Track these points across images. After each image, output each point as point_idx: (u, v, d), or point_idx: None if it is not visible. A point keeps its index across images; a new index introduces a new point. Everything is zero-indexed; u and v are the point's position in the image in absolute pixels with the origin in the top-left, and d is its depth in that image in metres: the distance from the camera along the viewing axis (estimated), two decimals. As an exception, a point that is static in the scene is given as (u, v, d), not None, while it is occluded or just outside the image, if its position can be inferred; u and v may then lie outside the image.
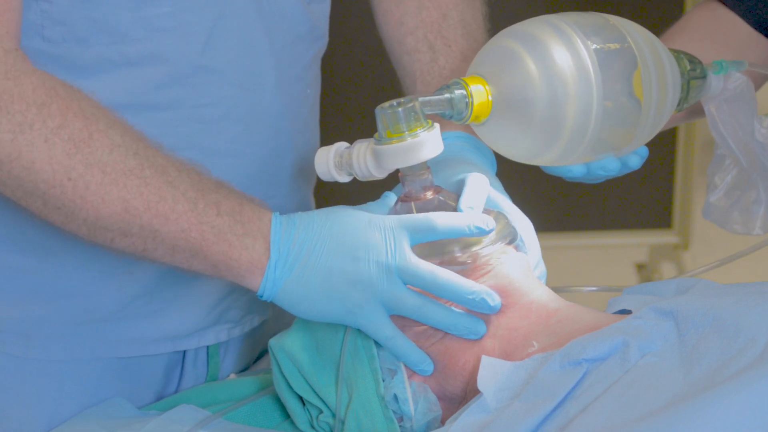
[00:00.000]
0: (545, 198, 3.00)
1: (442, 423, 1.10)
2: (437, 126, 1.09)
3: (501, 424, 0.97)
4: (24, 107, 1.04)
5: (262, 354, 1.39)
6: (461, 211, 1.11)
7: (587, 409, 0.94)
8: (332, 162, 1.12)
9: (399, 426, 1.10)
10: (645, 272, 3.21)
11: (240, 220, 1.09)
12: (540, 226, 1.20)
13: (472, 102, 1.09)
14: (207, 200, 1.09)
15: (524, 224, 1.15)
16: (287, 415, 1.19)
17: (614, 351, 1.00)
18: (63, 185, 1.05)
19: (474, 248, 1.10)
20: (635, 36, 1.13)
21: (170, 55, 1.17)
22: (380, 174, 1.10)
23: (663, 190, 3.06)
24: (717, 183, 1.32)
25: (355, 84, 2.83)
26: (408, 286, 1.07)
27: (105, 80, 1.15)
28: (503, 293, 1.09)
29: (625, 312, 1.10)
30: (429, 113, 1.09)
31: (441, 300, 1.08)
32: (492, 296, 1.08)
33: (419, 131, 1.08)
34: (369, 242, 1.07)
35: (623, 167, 1.19)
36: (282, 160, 1.28)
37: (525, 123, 1.10)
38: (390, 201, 1.13)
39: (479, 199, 1.12)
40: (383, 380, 1.09)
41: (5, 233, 1.21)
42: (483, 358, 1.05)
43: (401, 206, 1.12)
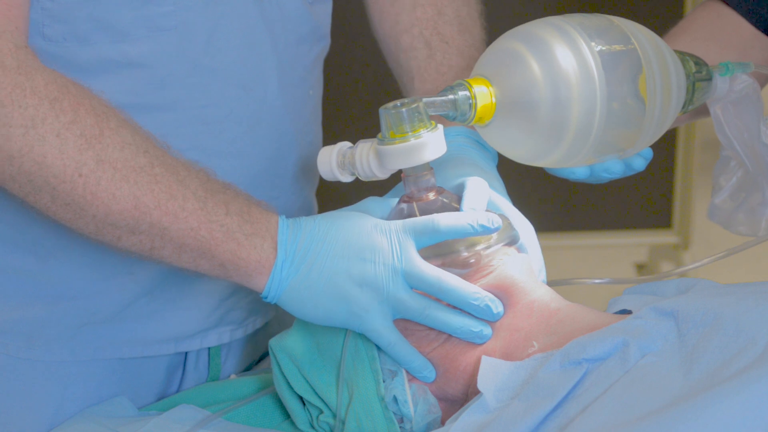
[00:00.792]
0: (545, 198, 3.00)
1: (443, 424, 1.10)
2: (440, 127, 1.09)
3: (501, 424, 0.97)
4: (37, 101, 1.04)
5: (264, 356, 1.39)
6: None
7: (587, 409, 0.94)
8: (335, 161, 1.13)
9: (399, 427, 1.10)
10: (645, 272, 3.22)
11: (249, 220, 1.09)
12: (540, 226, 1.20)
13: (476, 104, 1.09)
14: (216, 200, 1.09)
15: (525, 227, 1.15)
16: (287, 415, 1.19)
17: (614, 351, 1.00)
18: (74, 180, 1.05)
19: (477, 248, 1.10)
20: (640, 37, 1.13)
21: (171, 55, 1.17)
22: (383, 174, 1.10)
23: (663, 190, 3.06)
24: (722, 184, 1.32)
25: (357, 85, 2.83)
26: (413, 290, 1.08)
27: (106, 80, 1.15)
28: (505, 293, 1.09)
29: (626, 312, 1.10)
30: (432, 114, 1.09)
31: (443, 304, 1.08)
32: (496, 304, 1.08)
33: (422, 132, 1.08)
34: (375, 245, 1.07)
35: (627, 169, 1.18)
36: (285, 161, 1.28)
37: (528, 125, 1.10)
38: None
39: (481, 201, 1.12)
40: (383, 381, 1.10)
41: (7, 235, 1.20)
42: (483, 358, 1.05)
43: (403, 207, 1.12)
